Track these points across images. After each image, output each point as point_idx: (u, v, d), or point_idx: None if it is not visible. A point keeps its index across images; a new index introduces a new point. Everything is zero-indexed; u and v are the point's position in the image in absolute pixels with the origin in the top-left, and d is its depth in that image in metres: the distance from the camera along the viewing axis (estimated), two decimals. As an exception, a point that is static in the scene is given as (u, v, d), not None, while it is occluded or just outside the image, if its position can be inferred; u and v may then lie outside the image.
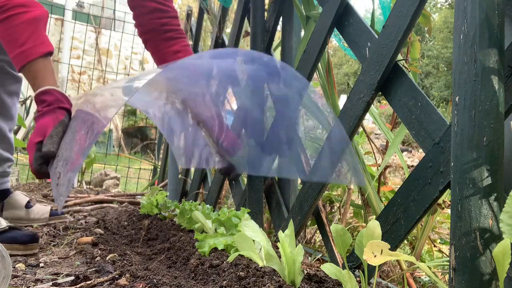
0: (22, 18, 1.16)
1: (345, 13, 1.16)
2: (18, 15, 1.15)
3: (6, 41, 1.17)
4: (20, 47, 1.15)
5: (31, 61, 1.16)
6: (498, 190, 0.61)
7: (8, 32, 1.15)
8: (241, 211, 1.25)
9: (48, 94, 1.17)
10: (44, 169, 1.10)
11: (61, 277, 0.98)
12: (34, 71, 1.17)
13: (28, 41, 1.16)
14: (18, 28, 1.15)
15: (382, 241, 0.63)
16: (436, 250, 1.31)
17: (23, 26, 1.15)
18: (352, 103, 1.08)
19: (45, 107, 1.15)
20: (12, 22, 1.15)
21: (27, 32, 1.16)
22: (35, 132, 1.13)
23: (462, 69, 0.65)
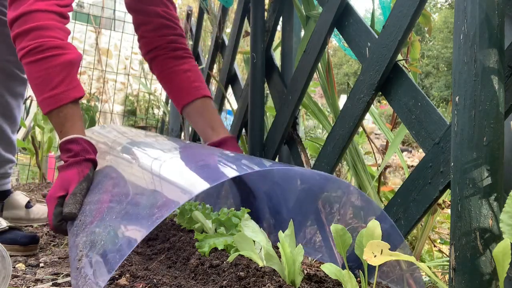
0: (58, 60, 1.10)
1: (345, 13, 1.16)
2: (54, 57, 1.10)
3: (38, 82, 1.11)
4: (52, 90, 1.09)
5: (62, 105, 1.10)
6: (498, 190, 0.61)
7: (41, 74, 1.10)
8: (241, 211, 1.25)
9: (74, 143, 1.10)
10: (64, 226, 1.02)
11: (61, 277, 0.98)
12: (63, 117, 1.11)
13: (61, 84, 1.10)
14: (52, 71, 1.10)
15: (382, 241, 0.63)
16: (436, 250, 1.31)
17: (57, 68, 1.10)
18: (352, 103, 1.08)
19: (70, 157, 1.08)
20: (47, 64, 1.10)
21: (61, 75, 1.10)
22: (57, 185, 1.05)
23: (462, 69, 0.65)
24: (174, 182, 0.90)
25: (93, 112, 3.61)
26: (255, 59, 1.51)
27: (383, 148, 1.37)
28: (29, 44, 1.09)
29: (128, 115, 6.27)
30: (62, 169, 1.08)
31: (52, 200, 1.03)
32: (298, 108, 1.35)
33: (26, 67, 1.13)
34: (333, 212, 1.24)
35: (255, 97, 1.52)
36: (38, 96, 1.12)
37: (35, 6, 1.11)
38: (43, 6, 1.12)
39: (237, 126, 1.79)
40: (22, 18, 1.11)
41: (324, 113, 1.45)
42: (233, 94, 2.03)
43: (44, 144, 3.24)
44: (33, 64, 1.10)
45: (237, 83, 1.96)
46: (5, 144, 1.58)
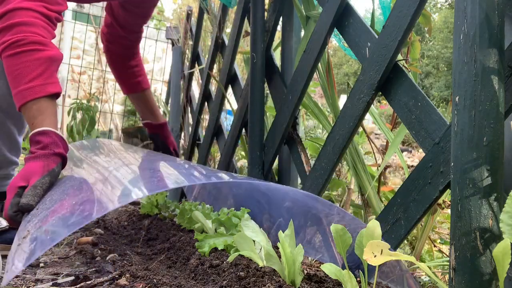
0: (38, 55, 1.11)
1: (345, 13, 1.16)
2: (34, 52, 1.11)
3: (16, 75, 1.10)
4: (28, 83, 1.09)
5: (37, 98, 1.09)
6: (498, 190, 0.61)
7: (19, 67, 1.10)
8: (241, 211, 1.25)
9: (45, 135, 1.08)
10: (19, 217, 0.98)
11: (61, 277, 0.98)
12: (37, 110, 1.10)
13: (38, 78, 1.10)
14: (30, 64, 1.10)
15: (382, 241, 0.63)
16: (436, 250, 1.31)
17: (36, 63, 1.11)
18: (352, 103, 1.08)
19: (38, 149, 1.07)
20: (26, 57, 1.10)
21: (39, 69, 1.11)
22: (19, 175, 1.03)
23: (462, 69, 0.65)
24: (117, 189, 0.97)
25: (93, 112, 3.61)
26: (255, 59, 1.51)
27: (383, 148, 1.37)
28: (10, 38, 1.10)
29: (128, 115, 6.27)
30: (28, 160, 1.06)
31: (11, 189, 1.01)
32: (298, 108, 1.35)
33: (5, 61, 1.12)
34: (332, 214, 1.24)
35: (255, 97, 1.52)
36: (14, 88, 1.11)
37: (21, 4, 1.14)
38: (30, 5, 1.15)
39: (237, 126, 1.79)
40: (8, 14, 1.13)
41: (324, 113, 1.45)
42: (233, 94, 2.03)
43: (44, 144, 3.22)
44: (12, 57, 1.10)
45: (237, 83, 1.96)
46: (11, 145, 1.59)
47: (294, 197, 1.16)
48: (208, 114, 2.43)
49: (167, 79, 4.10)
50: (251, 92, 1.53)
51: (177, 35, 3.20)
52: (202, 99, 2.44)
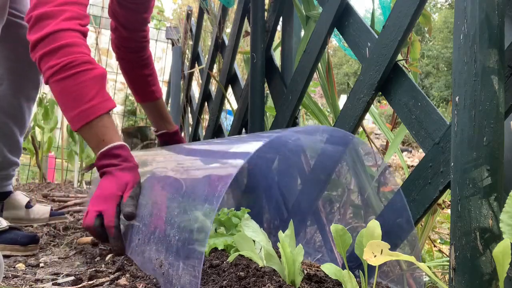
0: (91, 74, 1.14)
1: (345, 13, 1.16)
2: (87, 71, 1.14)
3: (73, 97, 1.13)
4: (89, 102, 1.12)
5: (100, 115, 1.13)
6: (498, 190, 0.61)
7: (76, 88, 1.12)
8: (241, 211, 1.25)
9: (122, 149, 1.14)
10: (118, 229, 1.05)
11: (61, 277, 0.98)
12: (103, 126, 1.14)
13: (97, 96, 1.14)
14: (87, 84, 1.13)
15: (382, 241, 0.63)
16: (436, 250, 1.31)
17: (92, 81, 1.14)
18: (352, 103, 1.08)
19: (121, 161, 1.12)
20: (82, 78, 1.13)
21: (96, 87, 1.14)
22: (115, 186, 1.07)
23: (462, 69, 0.65)
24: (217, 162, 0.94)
25: (93, 112, 3.60)
26: (255, 59, 1.51)
27: (383, 148, 1.37)
28: (61, 61, 1.12)
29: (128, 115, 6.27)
30: (117, 171, 1.10)
31: (112, 198, 1.06)
32: (298, 108, 1.35)
33: (56, 84, 1.13)
34: (333, 212, 1.24)
35: (255, 97, 1.52)
36: (73, 110, 1.13)
37: (61, 26, 1.14)
38: (69, 25, 1.16)
39: (237, 126, 1.79)
40: (48, 37, 1.13)
41: (324, 113, 1.45)
42: (233, 94, 2.03)
43: (44, 144, 3.24)
44: (66, 79, 1.12)
45: (237, 83, 1.96)
46: (12, 146, 1.60)
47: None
48: (208, 114, 2.43)
49: (167, 79, 4.10)
50: (251, 92, 1.53)
51: (177, 35, 3.20)
52: (202, 99, 2.44)
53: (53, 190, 2.72)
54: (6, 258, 1.13)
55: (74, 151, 3.29)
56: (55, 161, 3.62)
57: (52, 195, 2.45)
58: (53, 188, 2.85)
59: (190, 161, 1.16)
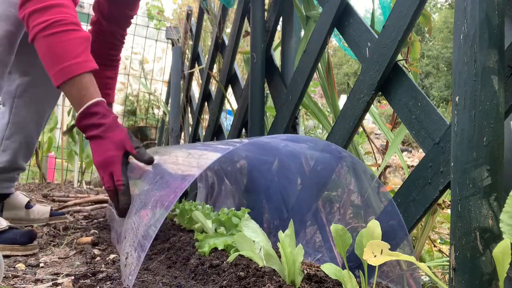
0: (78, 34, 1.20)
1: (345, 13, 1.16)
2: (75, 31, 1.20)
3: (60, 52, 1.17)
4: (75, 58, 1.17)
5: (84, 73, 1.17)
6: (498, 190, 0.61)
7: (64, 44, 1.17)
8: (241, 211, 1.25)
9: (101, 106, 1.18)
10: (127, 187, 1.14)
11: (61, 277, 0.98)
12: (86, 82, 1.17)
13: (82, 54, 1.19)
14: (74, 42, 1.18)
15: (382, 241, 0.63)
16: (436, 250, 1.31)
17: (78, 41, 1.19)
18: (352, 103, 1.08)
19: (102, 118, 1.16)
20: (70, 36, 1.18)
21: (82, 46, 1.19)
22: (113, 146, 1.14)
23: (462, 69, 0.65)
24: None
25: (93, 112, 3.60)
26: (255, 59, 1.51)
27: (383, 148, 1.37)
28: (51, 18, 1.17)
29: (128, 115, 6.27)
30: (106, 133, 1.15)
31: (117, 158, 1.13)
32: (298, 108, 1.35)
33: (44, 40, 1.17)
34: (333, 212, 1.24)
35: (255, 97, 1.52)
36: (58, 65, 1.16)
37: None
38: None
39: (237, 126, 1.79)
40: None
41: (324, 113, 1.45)
42: (233, 94, 2.03)
43: (44, 144, 3.24)
44: (55, 35, 1.17)
45: (237, 83, 1.96)
46: (28, 153, 1.64)
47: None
48: (208, 114, 2.43)
49: (167, 79, 4.10)
50: (251, 92, 1.53)
51: (177, 35, 3.20)
52: (202, 99, 2.44)
53: (53, 190, 2.72)
54: (6, 258, 1.13)
55: (74, 151, 3.29)
56: (55, 161, 3.62)
57: (52, 195, 2.45)
58: (53, 188, 2.85)
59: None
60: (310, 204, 1.23)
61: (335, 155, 1.09)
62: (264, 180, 1.42)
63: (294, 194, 1.32)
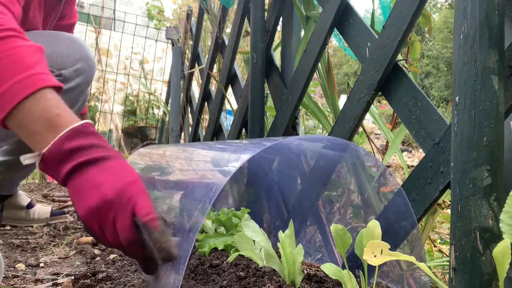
0: (26, 42, 0.81)
1: (345, 13, 1.16)
2: (19, 39, 0.80)
3: (5, 63, 0.76)
4: (31, 68, 0.76)
5: (49, 87, 0.75)
6: (498, 190, 0.61)
7: (10, 53, 0.77)
8: (241, 211, 1.25)
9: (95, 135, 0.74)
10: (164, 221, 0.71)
11: (61, 277, 0.98)
12: (55, 98, 0.75)
13: (37, 65, 0.77)
14: (24, 50, 0.79)
15: (382, 241, 0.63)
16: (436, 250, 1.31)
17: (29, 50, 0.80)
18: (352, 103, 1.08)
19: (100, 145, 0.73)
20: (15, 43, 0.79)
21: (35, 57, 0.79)
22: (131, 169, 0.73)
23: (462, 69, 0.65)
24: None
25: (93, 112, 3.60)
26: (255, 59, 1.51)
27: (383, 148, 1.37)
28: None
29: (128, 115, 6.27)
30: (113, 158, 0.72)
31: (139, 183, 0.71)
32: (298, 108, 1.35)
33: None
34: (333, 212, 1.24)
35: (255, 97, 1.52)
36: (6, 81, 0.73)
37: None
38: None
39: (237, 126, 1.79)
40: None
41: (324, 113, 1.45)
42: (233, 94, 2.03)
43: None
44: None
45: (237, 83, 1.96)
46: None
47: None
48: (208, 114, 2.43)
49: (167, 79, 4.10)
50: (251, 92, 1.53)
51: (177, 35, 3.20)
52: (202, 99, 2.44)
53: (53, 190, 2.72)
54: (6, 258, 1.13)
55: (74, 151, 3.28)
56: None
57: (52, 195, 2.45)
58: (53, 188, 2.85)
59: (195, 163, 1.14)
60: (312, 202, 1.23)
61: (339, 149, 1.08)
62: (264, 179, 1.42)
63: (295, 193, 1.32)
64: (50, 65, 1.09)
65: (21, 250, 1.26)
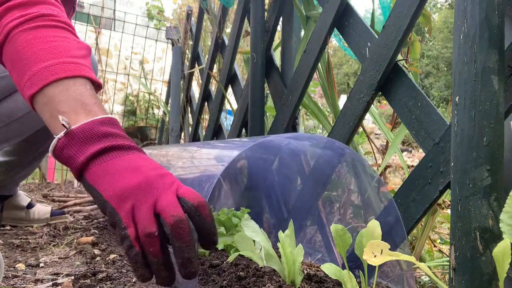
0: (74, 36, 0.83)
1: (345, 13, 1.16)
2: (71, 32, 0.83)
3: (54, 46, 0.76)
4: (77, 58, 0.77)
5: (87, 77, 0.75)
6: (498, 190, 0.61)
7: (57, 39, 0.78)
8: (241, 211, 1.25)
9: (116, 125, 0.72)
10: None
11: (61, 277, 0.98)
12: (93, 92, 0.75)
13: (84, 59, 0.79)
14: (72, 40, 0.81)
15: (382, 241, 0.63)
16: (436, 250, 1.31)
17: (75, 42, 0.81)
18: (352, 103, 1.08)
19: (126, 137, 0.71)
20: (66, 33, 0.81)
21: (82, 52, 0.80)
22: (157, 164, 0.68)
23: (462, 69, 0.65)
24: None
25: (93, 112, 3.59)
26: (255, 59, 1.51)
27: (383, 148, 1.37)
28: (38, 10, 0.80)
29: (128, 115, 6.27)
30: (136, 152, 0.68)
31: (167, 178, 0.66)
32: (298, 108, 1.35)
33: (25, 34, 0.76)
34: (333, 212, 1.24)
35: (255, 97, 1.52)
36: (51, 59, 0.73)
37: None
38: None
39: (237, 126, 1.79)
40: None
41: (324, 113, 1.45)
42: (233, 94, 2.03)
43: (44, 144, 3.22)
44: (43, 28, 0.78)
45: (237, 83, 1.96)
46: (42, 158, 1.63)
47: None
48: (208, 114, 2.43)
49: (167, 79, 4.10)
50: (251, 92, 1.53)
51: (177, 35, 3.20)
52: (202, 99, 2.44)
53: (53, 190, 2.72)
54: (6, 258, 1.13)
55: (74, 151, 3.28)
56: (55, 161, 3.61)
57: (52, 195, 2.45)
58: (53, 188, 2.85)
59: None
60: (311, 204, 1.23)
61: (337, 152, 1.09)
62: (264, 179, 1.42)
63: (295, 194, 1.32)
64: None
65: (21, 250, 1.26)
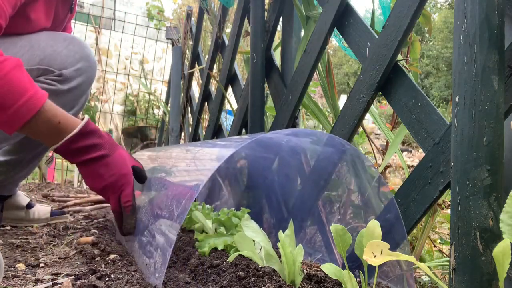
0: (12, 62, 0.94)
1: (345, 13, 1.16)
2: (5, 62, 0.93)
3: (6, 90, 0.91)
4: (30, 90, 0.93)
5: (46, 101, 0.96)
6: (498, 190, 0.61)
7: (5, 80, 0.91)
8: (241, 211, 1.25)
9: (95, 130, 1.02)
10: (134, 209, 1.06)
11: (61, 277, 0.98)
12: (51, 108, 0.96)
13: (30, 86, 0.94)
14: (14, 74, 0.93)
15: (382, 241, 0.63)
16: (436, 250, 1.31)
17: (18, 71, 0.94)
18: (352, 103, 1.08)
19: (100, 137, 1.02)
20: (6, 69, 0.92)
21: (26, 77, 0.95)
22: (128, 162, 1.05)
23: (462, 69, 0.65)
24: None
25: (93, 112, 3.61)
26: (255, 59, 1.51)
27: (383, 148, 1.37)
28: None
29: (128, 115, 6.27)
30: (113, 148, 1.03)
31: (131, 177, 1.04)
32: (298, 108, 1.35)
33: None
34: (333, 212, 1.24)
35: (255, 97, 1.52)
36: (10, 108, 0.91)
37: None
38: None
39: (237, 126, 1.79)
40: None
41: (324, 113, 1.45)
42: (233, 94, 2.03)
43: (44, 144, 3.22)
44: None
45: (237, 83, 1.96)
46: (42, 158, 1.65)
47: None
48: (208, 114, 2.43)
49: (167, 79, 4.10)
50: (251, 92, 1.53)
51: (177, 35, 3.20)
52: (202, 99, 2.44)
53: (53, 190, 2.72)
54: (6, 258, 1.13)
55: (74, 151, 3.28)
56: (55, 161, 3.62)
57: (52, 195, 2.45)
58: (53, 188, 2.85)
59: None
60: (312, 202, 1.23)
61: (338, 148, 1.09)
62: (264, 179, 1.42)
63: (295, 193, 1.32)
64: (50, 65, 1.19)
65: (21, 250, 1.26)
